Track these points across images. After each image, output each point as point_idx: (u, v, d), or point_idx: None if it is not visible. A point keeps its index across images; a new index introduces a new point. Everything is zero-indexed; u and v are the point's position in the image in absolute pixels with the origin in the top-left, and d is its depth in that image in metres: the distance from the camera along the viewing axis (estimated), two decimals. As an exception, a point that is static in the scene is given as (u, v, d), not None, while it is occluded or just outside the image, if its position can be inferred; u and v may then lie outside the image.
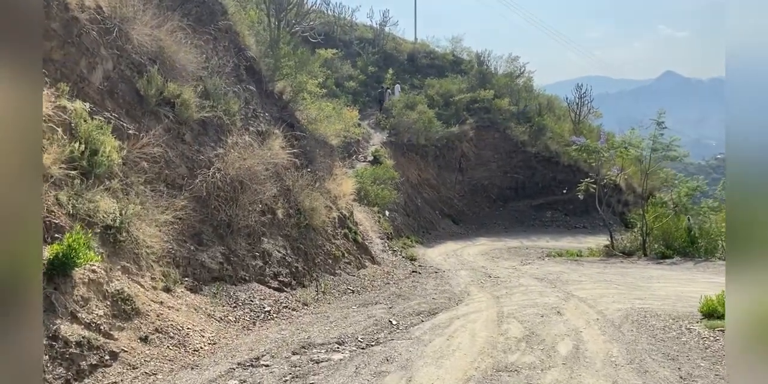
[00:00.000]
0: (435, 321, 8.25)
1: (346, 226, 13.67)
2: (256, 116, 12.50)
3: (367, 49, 34.12)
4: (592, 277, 13.25)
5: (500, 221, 28.70)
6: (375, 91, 30.75)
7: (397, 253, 16.26)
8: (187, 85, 9.95)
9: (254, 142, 11.27)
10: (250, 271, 9.38)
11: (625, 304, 9.18)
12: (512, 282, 12.50)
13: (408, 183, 24.57)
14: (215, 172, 9.53)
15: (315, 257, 11.44)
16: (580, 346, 6.38)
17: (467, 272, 14.58)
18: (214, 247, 8.93)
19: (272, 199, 10.86)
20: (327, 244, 12.18)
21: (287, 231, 11.03)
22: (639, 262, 16.62)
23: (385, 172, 20.84)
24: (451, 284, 12.31)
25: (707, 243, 16.72)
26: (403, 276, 13.54)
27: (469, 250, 20.67)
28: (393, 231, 18.41)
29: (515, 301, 9.78)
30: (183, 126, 9.56)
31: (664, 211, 19.51)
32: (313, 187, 12.35)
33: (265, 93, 14.14)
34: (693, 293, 10.26)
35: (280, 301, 9.08)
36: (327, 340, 7.02)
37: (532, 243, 23.20)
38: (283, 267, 10.22)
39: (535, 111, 31.75)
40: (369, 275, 12.77)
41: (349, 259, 12.78)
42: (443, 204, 27.79)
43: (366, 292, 11.24)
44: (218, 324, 7.30)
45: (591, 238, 24.43)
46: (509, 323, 7.73)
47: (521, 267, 16.07)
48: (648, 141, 18.24)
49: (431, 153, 27.24)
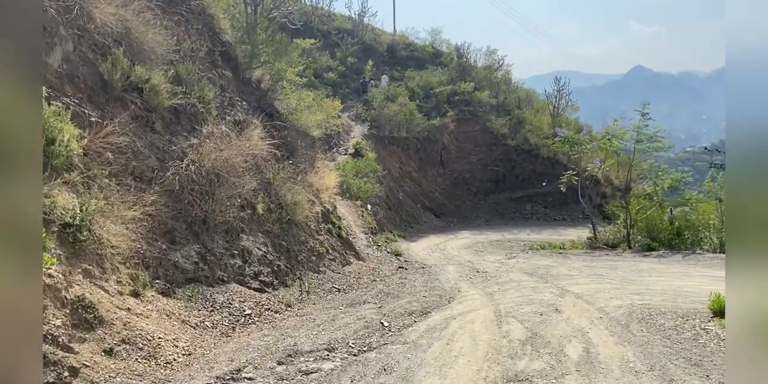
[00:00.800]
0: (429, 322, 7.71)
1: (330, 220, 13.04)
2: (232, 105, 11.76)
3: (346, 40, 33.36)
4: (582, 270, 12.89)
5: (481, 214, 28.45)
6: (355, 83, 30.08)
7: (382, 248, 15.71)
8: (156, 69, 9.17)
9: (231, 132, 10.55)
10: (229, 271, 8.70)
11: (624, 300, 8.77)
12: (502, 277, 12.06)
13: (390, 176, 24.04)
14: (189, 164, 8.81)
15: (298, 254, 10.80)
16: (590, 349, 5.90)
17: (454, 267, 14.11)
18: (189, 245, 8.23)
19: (252, 193, 10.18)
20: (310, 241, 11.55)
21: (268, 227, 10.36)
22: (625, 254, 16.37)
23: (367, 165, 20.25)
24: (440, 280, 11.80)
25: (692, 235, 16.56)
26: (389, 272, 12.99)
27: (452, 243, 20.29)
28: (376, 225, 17.85)
29: (510, 298, 9.31)
30: (153, 114, 8.80)
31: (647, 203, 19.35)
32: (294, 181, 11.69)
33: (242, 81, 13.39)
34: (689, 288, 9.95)
35: (261, 303, 8.44)
36: (315, 347, 6.41)
37: (514, 236, 23.01)
38: (264, 266, 9.56)
39: (515, 104, 31.54)
40: (354, 272, 12.18)
41: (334, 255, 12.17)
42: (425, 197, 27.40)
43: (352, 291, 10.65)
44: (194, 331, 6.63)
45: (571, 231, 24.38)
46: (509, 324, 7.23)
47: (507, 261, 15.69)
48: (632, 132, 17.99)
49: (412, 146, 26.76)
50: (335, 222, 13.36)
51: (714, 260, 13.46)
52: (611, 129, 18.70)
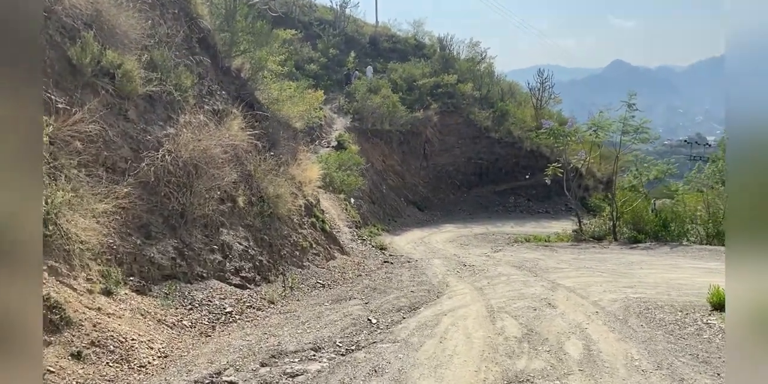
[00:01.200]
0: (419, 318, 7.40)
1: (314, 214, 12.64)
2: (211, 93, 11.27)
3: (328, 31, 32.78)
4: (571, 263, 12.72)
5: (465, 207, 28.29)
6: (337, 75, 29.60)
7: (367, 242, 15.37)
8: (129, 54, 8.66)
9: (210, 122, 10.07)
10: (208, 267, 8.28)
11: (618, 293, 8.57)
12: (490, 271, 11.81)
13: (373, 169, 23.68)
14: (165, 155, 8.34)
15: (281, 249, 10.40)
16: (591, 346, 5.64)
17: (441, 261, 13.83)
18: (165, 240, 7.79)
19: (232, 186, 9.74)
20: (293, 235, 11.15)
21: (249, 221, 9.94)
22: (611, 247, 16.28)
23: (350, 157, 19.85)
24: (427, 275, 11.51)
25: (678, 227, 16.54)
26: (375, 266, 12.66)
27: (436, 237, 20.06)
28: (360, 219, 17.50)
29: (500, 293, 9.05)
30: (126, 101, 8.30)
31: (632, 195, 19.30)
32: (276, 173, 11.26)
33: (221, 69, 12.87)
34: (682, 280, 9.80)
35: (243, 300, 8.04)
36: (300, 346, 6.05)
37: (498, 229, 22.89)
38: (245, 261, 9.15)
39: (498, 96, 31.34)
40: (339, 267, 11.82)
41: (318, 250, 11.79)
42: (408, 191, 27.11)
43: (337, 286, 10.30)
44: (170, 331, 6.22)
45: (555, 223, 24.37)
46: (503, 319, 6.95)
47: (494, 254, 15.49)
48: (618, 124, 17.86)
49: (396, 138, 26.41)
50: (319, 215, 12.97)
51: (702, 252, 13.40)
52: (597, 120, 18.55)
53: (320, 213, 13.27)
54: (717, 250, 13.50)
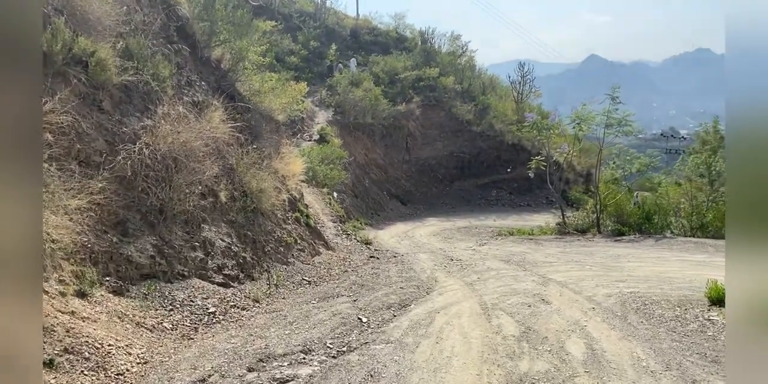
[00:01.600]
0: (412, 316, 7.15)
1: (298, 209, 12.30)
2: (190, 84, 10.82)
3: (308, 24, 32.23)
4: (559, 257, 12.62)
5: (447, 201, 28.19)
6: (319, 67, 29.16)
7: (351, 237, 15.07)
8: (103, 42, 8.19)
9: (190, 114, 9.64)
10: (189, 265, 7.91)
11: (611, 288, 8.44)
12: (478, 265, 11.63)
13: (355, 163, 23.38)
14: (143, 148, 7.92)
15: (265, 245, 10.05)
16: (593, 345, 5.45)
17: (427, 256, 13.62)
18: (144, 237, 7.40)
19: (213, 180, 9.35)
20: (277, 230, 10.80)
21: (232, 216, 9.57)
22: (596, 239, 16.25)
23: (333, 151, 19.50)
24: (414, 270, 11.28)
25: (661, 219, 16.60)
26: (361, 262, 12.38)
27: (420, 231, 19.88)
28: (344, 213, 17.19)
29: (492, 289, 8.86)
30: (100, 91, 7.85)
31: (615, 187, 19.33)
32: (259, 166, 10.88)
33: (200, 60, 12.41)
34: (671, 273, 9.73)
35: (226, 299, 7.70)
36: (289, 349, 5.75)
37: (480, 222, 22.82)
38: (228, 258, 8.79)
39: (479, 90, 31.22)
40: (325, 263, 11.52)
41: (302, 245, 11.46)
42: (391, 184, 26.89)
43: (324, 283, 10.00)
44: (150, 335, 5.86)
45: (536, 216, 24.42)
46: (498, 317, 6.74)
47: (479, 248, 15.35)
48: (602, 116, 17.81)
49: (378, 132, 26.13)
50: (303, 210, 12.64)
51: (687, 244, 13.42)
52: (580, 113, 18.47)
53: (304, 208, 12.94)
54: (701, 242, 13.54)
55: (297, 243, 11.26)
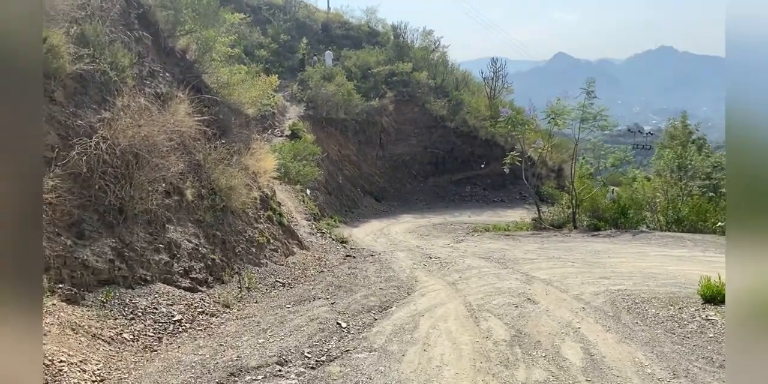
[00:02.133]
0: (394, 320, 6.74)
1: (270, 207, 11.74)
2: (153, 75, 10.16)
3: (278, 17, 31.43)
4: (538, 253, 12.39)
5: (422, 197, 27.93)
6: (289, 61, 28.45)
7: (326, 235, 14.58)
8: (56, 27, 7.53)
9: (152, 106, 9.01)
10: (153, 269, 7.33)
11: (597, 285, 8.19)
12: (458, 263, 11.29)
13: (328, 159, 22.84)
14: (100, 142, 7.29)
15: (235, 246, 9.50)
16: (590, 349, 5.13)
17: (405, 254, 13.24)
18: (101, 239, 6.79)
19: (179, 177, 8.75)
20: (249, 230, 10.25)
21: (199, 215, 8.98)
22: (573, 235, 16.13)
23: (306, 147, 18.93)
24: (393, 269, 10.87)
25: (636, 214, 16.58)
26: (336, 261, 11.91)
27: (395, 228, 19.53)
28: (318, 211, 16.67)
29: (475, 288, 8.51)
30: (52, 81, 7.18)
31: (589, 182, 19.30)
32: (229, 162, 10.30)
33: (164, 50, 11.73)
34: (654, 269, 9.56)
35: (194, 305, 7.15)
36: (264, 360, 5.27)
37: (455, 218, 22.65)
38: (195, 260, 8.22)
39: (453, 85, 30.97)
40: (299, 263, 11.01)
41: (275, 245, 10.92)
42: (365, 181, 26.45)
43: (299, 285, 9.51)
44: (108, 348, 5.30)
45: (510, 212, 24.40)
46: (486, 320, 6.38)
47: (457, 245, 15.06)
48: (577, 111, 17.70)
49: (351, 127, 25.62)
50: (275, 208, 12.09)
51: (665, 239, 13.35)
52: (555, 108, 18.33)
53: (277, 205, 12.39)
54: (679, 236, 13.49)
55: (270, 243, 10.73)
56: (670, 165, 15.57)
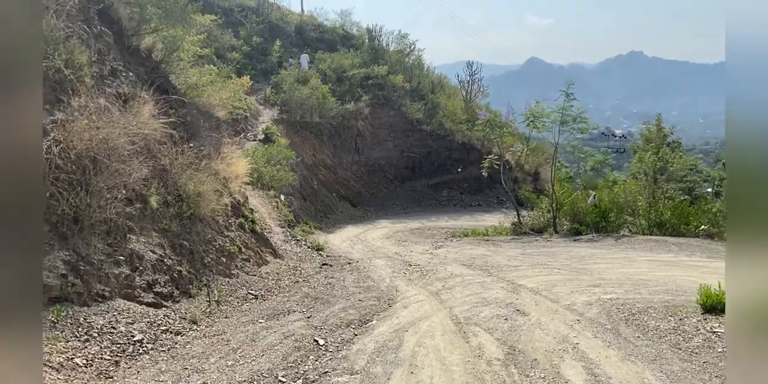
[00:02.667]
0: (376, 336, 6.24)
1: (241, 214, 11.14)
2: (115, 75, 9.51)
3: (251, 19, 30.78)
4: (522, 260, 12.03)
5: (398, 202, 27.58)
6: (262, 64, 27.85)
7: (301, 242, 14.01)
8: (1, 20, 6.86)
9: (113, 107, 8.37)
10: (112, 284, 6.70)
11: (587, 294, 7.82)
12: (440, 271, 10.86)
13: (303, 164, 22.27)
14: (52, 145, 6.65)
15: (204, 256, 8.89)
16: (593, 369, 4.72)
17: (383, 261, 12.77)
18: (53, 252, 6.15)
19: (142, 183, 8.12)
20: (219, 238, 9.64)
21: (165, 224, 8.36)
22: (555, 240, 15.86)
23: (280, 151, 18.35)
24: (372, 278, 10.38)
25: (617, 217, 16.41)
26: (312, 271, 11.36)
27: (372, 233, 19.08)
28: (293, 217, 16.09)
29: (460, 299, 8.07)
30: (-4, 78, 6.52)
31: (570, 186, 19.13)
32: (197, 167, 9.69)
33: (128, 48, 11.06)
34: (643, 276, 9.26)
35: (157, 323, 6.54)
36: (233, 387, 4.72)
37: (433, 223, 22.37)
38: (160, 273, 7.60)
39: (429, 88, 30.75)
40: (273, 273, 10.43)
41: (248, 254, 10.33)
42: (340, 186, 25.97)
43: (273, 297, 8.94)
44: (56, 376, 4.68)
45: (488, 216, 24.23)
46: (476, 335, 5.94)
47: (437, 251, 14.65)
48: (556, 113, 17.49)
49: (326, 131, 25.13)
50: (247, 215, 11.49)
51: (648, 243, 13.14)
52: (534, 110, 18.10)
53: (249, 212, 11.79)
54: (663, 240, 13.30)
55: (241, 252, 10.13)
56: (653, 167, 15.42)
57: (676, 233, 14.14)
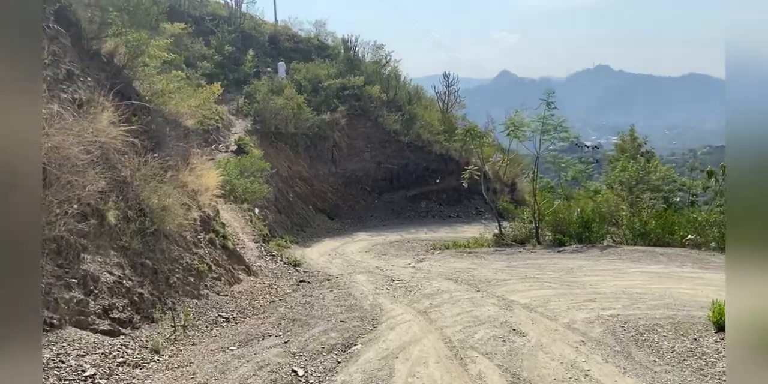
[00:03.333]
0: (362, 364, 5.59)
1: (212, 229, 10.38)
2: (71, 79, 8.75)
3: (223, 28, 30.07)
4: (509, 273, 11.51)
5: (376, 214, 27.02)
6: (234, 74, 27.12)
7: (277, 258, 13.26)
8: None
9: (66, 113, 7.61)
10: (62, 310, 5.92)
11: (586, 311, 7.31)
12: (425, 287, 10.25)
13: (278, 176, 21.55)
14: (-8, 155, 5.88)
15: (169, 276, 8.11)
16: (613, 401, 4.16)
17: (365, 277, 12.11)
18: (-10, 276, 5.37)
19: (98, 196, 7.36)
20: (186, 256, 8.87)
21: (125, 241, 7.58)
22: (539, 251, 15.42)
23: (253, 162, 17.61)
24: (354, 296, 9.71)
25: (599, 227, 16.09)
26: (289, 288, 10.64)
27: (350, 247, 18.44)
28: (267, 231, 15.34)
29: (450, 318, 7.47)
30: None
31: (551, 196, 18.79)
32: (162, 179, 8.94)
33: (87, 52, 10.33)
34: (638, 289, 8.81)
35: (113, 354, 5.77)
36: (198, 434, 4.02)
37: (412, 235, 21.86)
38: (118, 296, 6.82)
39: (405, 99, 30.41)
40: (246, 292, 9.68)
41: (218, 272, 9.57)
42: (317, 198, 25.29)
43: (246, 319, 8.20)
44: (-18, 428, 3.93)
45: (467, 228, 23.85)
46: (474, 361, 5.33)
47: (419, 265, 14.06)
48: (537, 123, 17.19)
49: (302, 143, 24.50)
50: (219, 230, 10.74)
51: (635, 253, 12.77)
52: (515, 119, 17.77)
53: (221, 227, 11.04)
54: (650, 251, 12.96)
55: (211, 270, 9.37)
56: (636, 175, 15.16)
57: (660, 243, 13.83)
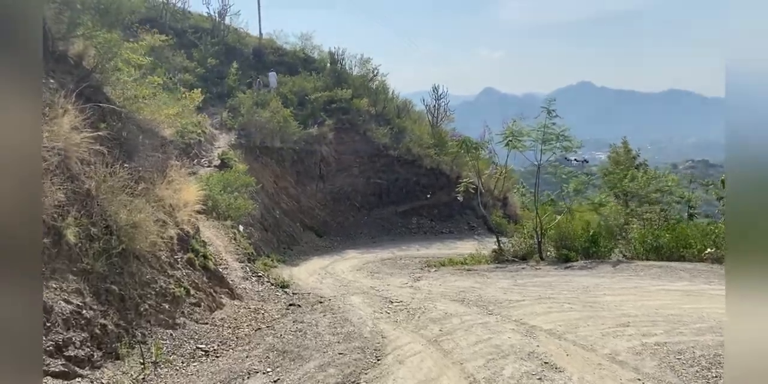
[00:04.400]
0: (371, 413, 4.53)
1: (191, 248, 9.26)
2: (27, 79, 7.71)
3: (205, 40, 29.23)
4: (519, 292, 10.53)
5: (366, 230, 26.04)
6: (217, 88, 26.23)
7: (263, 279, 12.14)
8: None
9: (18, 115, 6.57)
10: None
11: (624, 338, 6.34)
12: (430, 309, 9.21)
13: (264, 192, 20.49)
14: None
15: (140, 303, 7.00)
16: None
17: (360, 298, 11.04)
18: None
19: (55, 211, 6.28)
20: (161, 279, 7.76)
21: (87, 263, 6.48)
22: (544, 267, 14.47)
23: (238, 177, 16.57)
24: (351, 321, 8.64)
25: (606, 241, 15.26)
26: (277, 313, 9.52)
27: (340, 265, 17.39)
28: (253, 250, 14.22)
29: (468, 348, 6.44)
30: None
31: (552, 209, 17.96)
32: (133, 192, 7.87)
33: (52, 54, 9.34)
34: (671, 310, 7.88)
35: (63, 405, 4.66)
36: None
37: (404, 252, 20.95)
38: (76, 329, 5.71)
39: (394, 113, 29.68)
40: (230, 319, 8.56)
41: (198, 297, 8.44)
42: (304, 215, 24.23)
43: (228, 351, 7.09)
44: None
45: (460, 244, 23.02)
46: (512, 408, 4.32)
47: (417, 284, 13.04)
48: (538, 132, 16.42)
49: (288, 157, 23.54)
50: (199, 249, 9.63)
51: (652, 269, 11.87)
52: (513, 129, 16.98)
53: (201, 246, 9.93)
54: (667, 266, 12.08)
55: (190, 294, 8.25)
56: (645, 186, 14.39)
57: (674, 257, 12.99)
